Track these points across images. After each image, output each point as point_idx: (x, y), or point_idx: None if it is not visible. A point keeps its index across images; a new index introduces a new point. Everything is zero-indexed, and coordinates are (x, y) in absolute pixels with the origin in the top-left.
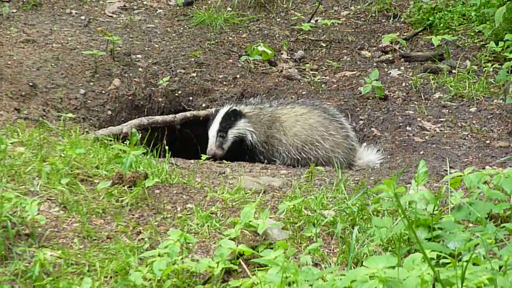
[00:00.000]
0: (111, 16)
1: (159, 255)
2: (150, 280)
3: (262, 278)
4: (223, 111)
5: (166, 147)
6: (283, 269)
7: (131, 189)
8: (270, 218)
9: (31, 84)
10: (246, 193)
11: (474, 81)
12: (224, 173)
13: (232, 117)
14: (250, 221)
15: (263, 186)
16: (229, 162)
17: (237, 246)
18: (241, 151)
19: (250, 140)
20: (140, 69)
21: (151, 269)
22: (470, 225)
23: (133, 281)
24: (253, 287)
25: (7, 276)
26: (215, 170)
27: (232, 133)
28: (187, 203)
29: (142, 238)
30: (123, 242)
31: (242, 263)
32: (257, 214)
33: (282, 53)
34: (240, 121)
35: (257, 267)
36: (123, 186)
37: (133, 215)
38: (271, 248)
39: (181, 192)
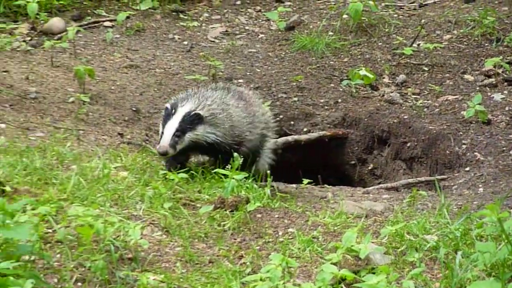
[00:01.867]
0: (213, 41)
1: (261, 280)
2: None
3: None
4: (182, 110)
5: (268, 172)
6: None
7: (233, 213)
8: (372, 242)
9: (134, 109)
10: (347, 218)
11: None
12: (325, 197)
13: (192, 120)
14: (352, 245)
15: (365, 210)
16: (330, 186)
17: (339, 270)
18: (199, 150)
19: (216, 140)
20: None
21: None
22: None
23: None
24: None
25: None
26: (317, 194)
27: (189, 137)
28: (288, 228)
29: (244, 262)
30: (225, 266)
31: None
32: (359, 239)
33: (383, 77)
34: (199, 126)
35: None
36: (225, 210)
37: (235, 239)
38: (373, 273)
39: (283, 217)
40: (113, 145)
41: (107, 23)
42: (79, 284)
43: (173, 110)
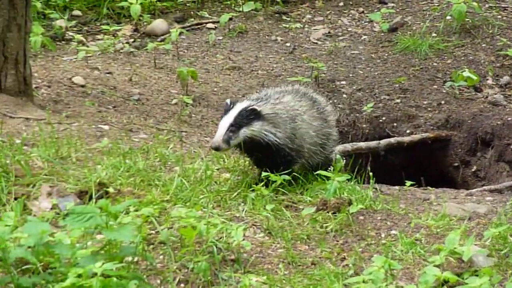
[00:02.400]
0: (315, 43)
1: (363, 282)
2: None
3: None
4: (240, 105)
5: (370, 173)
6: None
7: (335, 215)
8: (475, 245)
9: None
10: (450, 220)
11: None
12: (428, 199)
13: (249, 115)
14: (455, 247)
15: (468, 212)
16: (433, 188)
17: (442, 273)
18: (260, 151)
19: (275, 140)
20: (344, 96)
21: None
22: None
23: None
24: None
25: None
26: (419, 196)
27: (244, 132)
28: (391, 230)
29: (346, 264)
30: (328, 268)
31: None
32: (462, 241)
33: (487, 79)
34: (256, 122)
35: None
36: (327, 212)
37: (337, 241)
38: (476, 275)
39: (385, 219)
40: None
41: (209, 25)
42: (182, 285)
43: (232, 105)
